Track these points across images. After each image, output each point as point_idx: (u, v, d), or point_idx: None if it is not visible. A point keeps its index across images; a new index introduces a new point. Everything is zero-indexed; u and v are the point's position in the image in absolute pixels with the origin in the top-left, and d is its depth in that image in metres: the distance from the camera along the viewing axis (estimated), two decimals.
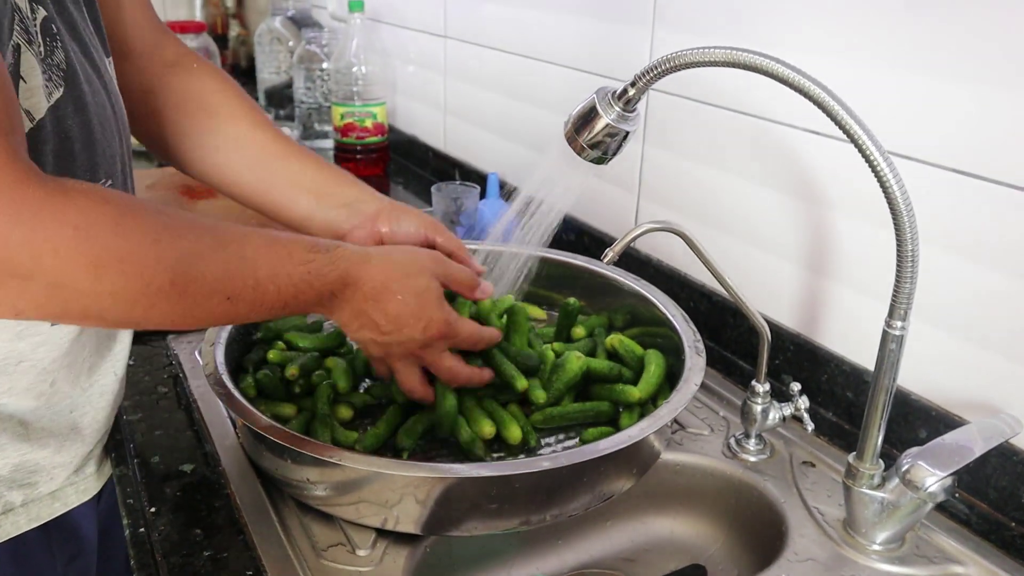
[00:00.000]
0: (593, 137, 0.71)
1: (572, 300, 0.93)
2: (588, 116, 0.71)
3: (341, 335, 0.92)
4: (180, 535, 0.69)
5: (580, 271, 1.02)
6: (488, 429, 0.77)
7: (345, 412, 0.83)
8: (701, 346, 0.84)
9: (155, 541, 0.69)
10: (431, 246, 0.85)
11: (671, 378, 0.84)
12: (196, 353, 0.95)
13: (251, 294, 0.60)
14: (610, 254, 0.75)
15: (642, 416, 0.78)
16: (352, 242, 0.81)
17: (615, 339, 0.90)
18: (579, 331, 0.94)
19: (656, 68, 0.66)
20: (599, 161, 0.72)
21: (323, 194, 0.89)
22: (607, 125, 0.70)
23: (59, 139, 0.61)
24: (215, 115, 0.88)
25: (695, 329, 0.86)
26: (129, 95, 0.78)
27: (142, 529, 0.71)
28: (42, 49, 0.60)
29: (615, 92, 0.70)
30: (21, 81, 0.58)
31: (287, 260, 0.62)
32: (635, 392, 0.82)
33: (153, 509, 0.72)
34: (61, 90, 0.61)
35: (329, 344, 0.91)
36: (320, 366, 0.87)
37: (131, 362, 0.88)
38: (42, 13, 0.60)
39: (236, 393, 0.74)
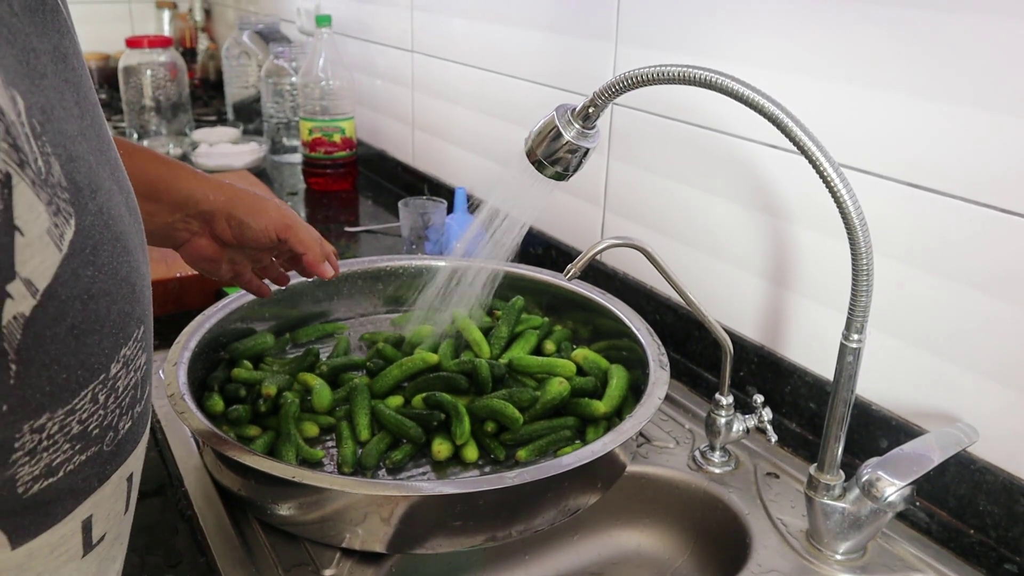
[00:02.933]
0: (553, 154, 0.71)
1: (518, 299, 0.98)
2: (548, 133, 0.71)
3: (312, 356, 0.92)
4: (140, 557, 0.68)
5: (546, 285, 1.03)
6: (442, 448, 0.79)
7: (311, 429, 0.82)
8: (665, 360, 0.84)
9: None
10: (284, 245, 0.78)
11: (636, 391, 0.85)
12: (160, 372, 0.94)
13: None
14: (572, 270, 0.76)
15: (608, 430, 0.79)
16: (192, 255, 0.77)
17: (580, 353, 0.91)
18: (548, 346, 0.95)
19: (614, 86, 0.67)
20: (559, 177, 0.73)
21: (154, 197, 0.74)
22: (567, 142, 0.70)
23: (80, 305, 0.38)
24: None
25: (659, 343, 0.87)
26: None
27: None
28: (37, 163, 0.35)
29: (574, 109, 0.71)
30: (17, 235, 0.34)
31: None
32: (600, 406, 0.83)
33: None
34: (73, 222, 0.37)
35: (300, 365, 0.91)
36: (292, 385, 0.87)
37: None
38: (19, 101, 0.34)
39: (199, 414, 0.73)
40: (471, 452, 0.80)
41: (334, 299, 1.06)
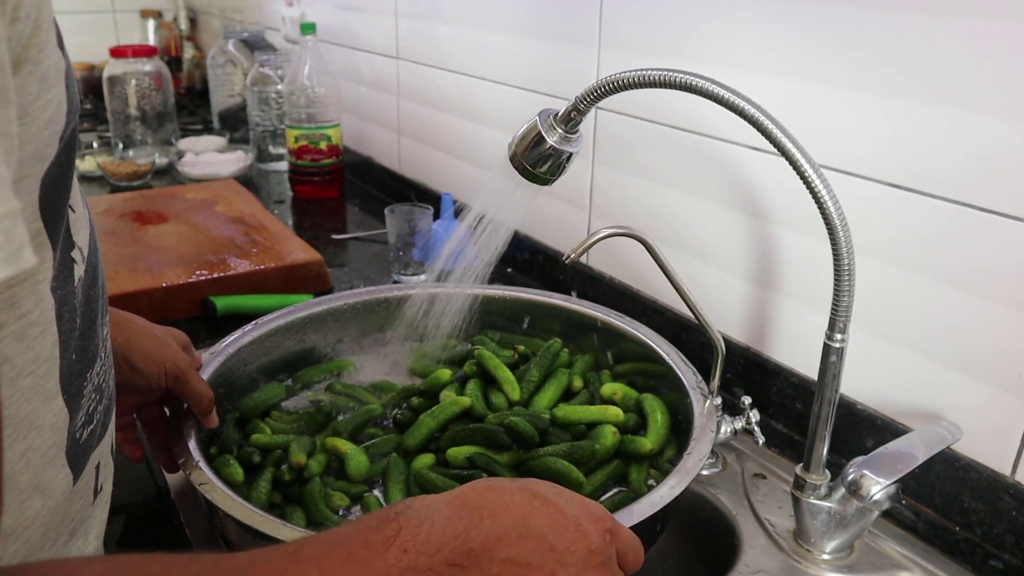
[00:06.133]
0: (536, 159, 0.72)
1: (556, 341, 0.90)
2: (531, 138, 0.71)
3: (324, 415, 0.84)
4: None
5: (559, 309, 0.97)
6: None
7: (341, 500, 0.75)
8: (706, 386, 0.79)
9: None
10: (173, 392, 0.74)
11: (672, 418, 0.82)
12: None
13: None
14: (572, 255, 0.75)
15: (652, 466, 0.77)
16: None
17: (610, 389, 0.86)
18: (577, 382, 0.88)
19: (596, 91, 0.67)
20: (543, 182, 0.73)
21: None
22: (550, 147, 0.71)
23: (94, 278, 0.51)
24: None
25: (694, 368, 0.82)
26: None
27: None
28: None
29: (557, 114, 0.71)
30: (70, 211, 0.46)
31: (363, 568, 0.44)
32: (647, 443, 0.78)
33: None
34: (86, 208, 0.51)
35: (313, 423, 0.84)
36: (314, 449, 0.80)
37: None
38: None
39: (227, 489, 0.65)
40: None
41: (334, 333, 0.97)
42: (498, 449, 0.78)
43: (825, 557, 0.72)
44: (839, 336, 0.67)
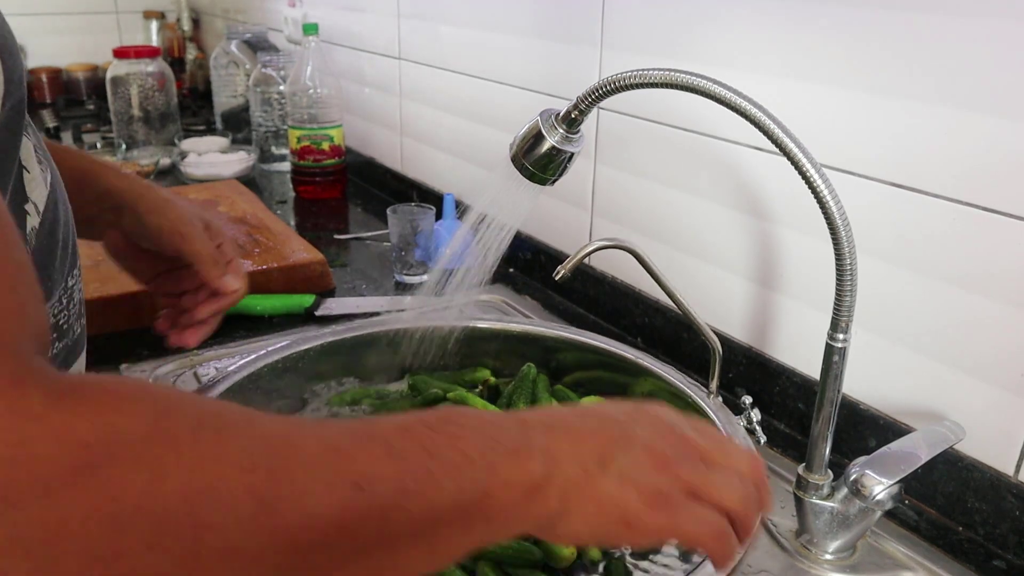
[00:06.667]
0: (537, 159, 0.72)
1: (530, 367, 0.90)
2: (532, 138, 0.71)
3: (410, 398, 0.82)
4: None
5: (587, 348, 0.94)
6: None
7: None
8: (709, 391, 0.80)
9: None
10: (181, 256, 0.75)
11: None
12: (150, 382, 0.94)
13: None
14: (562, 271, 0.76)
15: None
16: (108, 247, 0.75)
17: (590, 401, 0.88)
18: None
19: (598, 90, 0.67)
20: (543, 182, 0.73)
21: (80, 190, 0.71)
22: (551, 147, 0.71)
23: (52, 228, 0.56)
24: None
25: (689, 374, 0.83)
26: None
27: None
28: (32, 132, 0.54)
29: (558, 114, 0.71)
30: (25, 172, 0.52)
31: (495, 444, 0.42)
32: None
33: None
34: (49, 173, 0.56)
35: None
36: None
37: None
38: None
39: None
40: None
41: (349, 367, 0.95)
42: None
43: (827, 557, 0.71)
44: (841, 336, 0.66)
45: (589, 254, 0.76)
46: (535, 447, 0.43)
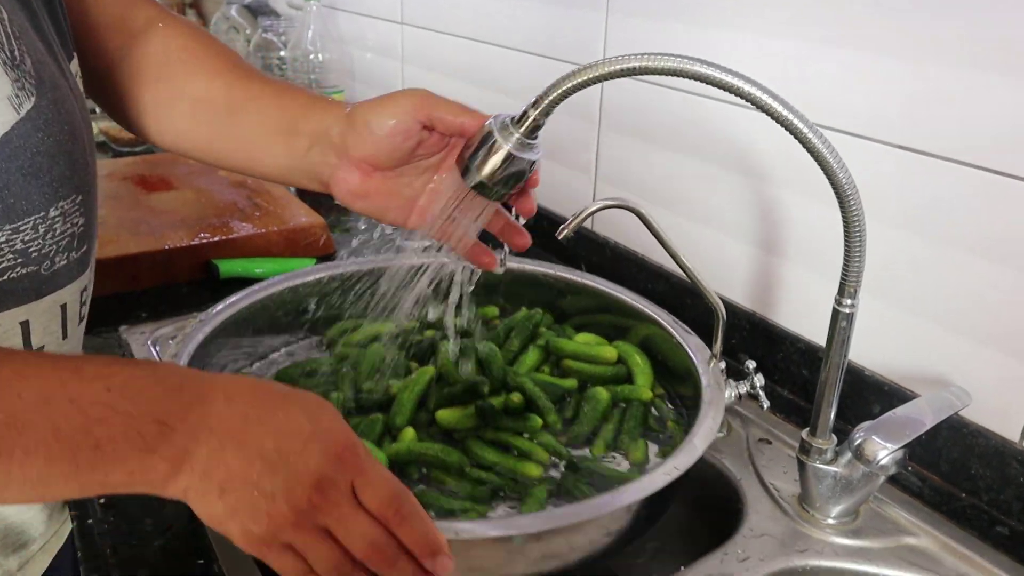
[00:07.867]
0: (492, 173, 0.61)
1: (537, 312, 0.93)
2: (484, 146, 0.61)
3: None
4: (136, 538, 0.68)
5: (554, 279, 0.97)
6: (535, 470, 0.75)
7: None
8: (711, 355, 0.80)
9: (102, 534, 0.68)
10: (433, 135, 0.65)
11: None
12: (149, 343, 0.94)
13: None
14: (565, 230, 0.75)
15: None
16: (342, 193, 0.68)
17: (586, 339, 0.92)
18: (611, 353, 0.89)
19: (558, 87, 0.58)
20: (497, 197, 0.64)
21: (291, 136, 0.70)
22: (508, 154, 0.60)
23: (28, 155, 0.55)
24: (173, 80, 0.75)
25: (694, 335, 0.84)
26: (93, 78, 0.72)
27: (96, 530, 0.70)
28: (13, 54, 0.54)
29: (513, 118, 0.61)
30: None
31: (71, 378, 0.44)
32: (644, 391, 0.83)
33: (107, 509, 0.71)
34: (32, 100, 0.55)
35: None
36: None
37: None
38: (4, 13, 0.54)
39: None
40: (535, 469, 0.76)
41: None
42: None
43: (830, 521, 0.71)
44: (849, 301, 0.66)
45: (593, 213, 0.75)
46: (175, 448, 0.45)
